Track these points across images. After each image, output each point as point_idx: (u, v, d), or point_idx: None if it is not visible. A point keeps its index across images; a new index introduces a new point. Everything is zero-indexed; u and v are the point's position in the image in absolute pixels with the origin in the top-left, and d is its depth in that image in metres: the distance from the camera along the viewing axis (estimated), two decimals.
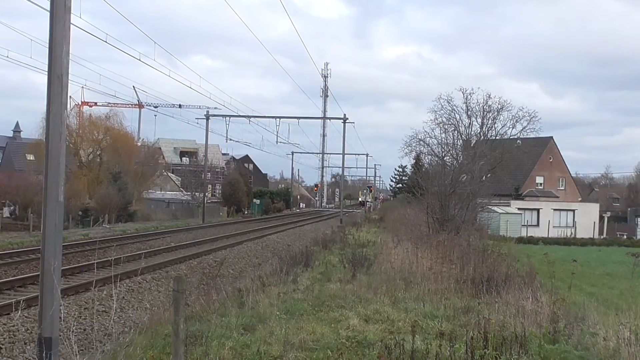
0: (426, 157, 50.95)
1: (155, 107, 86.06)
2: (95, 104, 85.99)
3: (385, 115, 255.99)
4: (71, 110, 71.99)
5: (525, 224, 59.67)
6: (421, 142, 50.93)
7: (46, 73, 7.61)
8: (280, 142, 62.51)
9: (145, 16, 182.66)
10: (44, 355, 7.32)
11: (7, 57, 38.15)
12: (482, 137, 54.16)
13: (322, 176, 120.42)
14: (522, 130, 57.93)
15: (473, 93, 55.74)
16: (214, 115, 58.53)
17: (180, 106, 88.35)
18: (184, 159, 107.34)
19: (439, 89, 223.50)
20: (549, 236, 57.27)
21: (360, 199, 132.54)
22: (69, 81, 7.79)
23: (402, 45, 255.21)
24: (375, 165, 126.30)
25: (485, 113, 55.35)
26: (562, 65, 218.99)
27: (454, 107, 54.49)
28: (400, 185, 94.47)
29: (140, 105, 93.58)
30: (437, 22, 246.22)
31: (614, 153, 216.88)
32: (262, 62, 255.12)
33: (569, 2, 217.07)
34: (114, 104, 78.49)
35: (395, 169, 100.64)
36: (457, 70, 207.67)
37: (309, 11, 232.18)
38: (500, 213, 54.54)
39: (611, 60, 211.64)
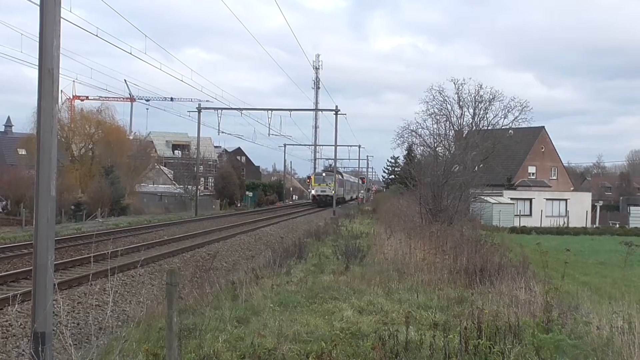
0: (418, 148, 50.98)
1: (147, 100, 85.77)
2: (87, 97, 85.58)
3: (380, 107, 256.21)
4: (63, 104, 71.80)
5: (518, 213, 59.82)
6: (413, 133, 50.94)
7: (37, 67, 7.57)
8: (273, 134, 62.45)
9: (141, 10, 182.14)
10: (38, 349, 7.31)
11: None
12: (474, 127, 54.22)
13: (315, 168, 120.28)
14: (513, 120, 58.10)
15: (464, 83, 55.84)
16: (206, 109, 58.40)
17: (172, 99, 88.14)
18: (176, 152, 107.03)
19: (434, 79, 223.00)
20: (542, 226, 57.45)
21: (313, 192, 77.36)
22: (60, 75, 7.76)
23: (398, 36, 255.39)
24: (367, 156, 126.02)
25: (476, 103, 55.45)
26: (558, 55, 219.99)
27: (446, 98, 54.55)
28: (393, 176, 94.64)
29: (132, 99, 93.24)
30: (432, 13, 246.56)
31: (607, 142, 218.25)
32: (257, 55, 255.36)
33: None
34: (106, 97, 78.16)
35: (388, 160, 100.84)
36: (453, 61, 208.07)
37: (304, 3, 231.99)
38: (492, 203, 54.68)
39: (606, 50, 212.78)
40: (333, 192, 68.31)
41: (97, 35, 22.63)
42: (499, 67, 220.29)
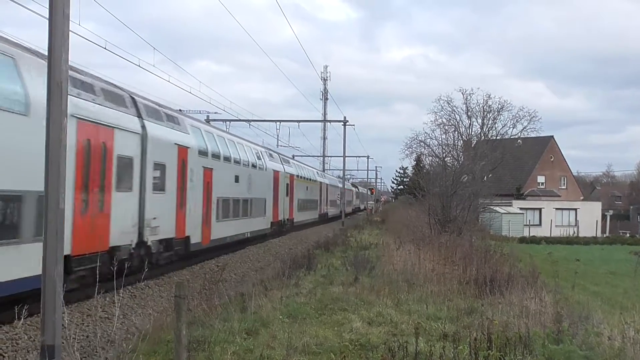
0: (427, 159, 51.01)
1: None
2: None
3: (390, 117, 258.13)
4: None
5: (528, 223, 59.68)
6: (421, 143, 50.98)
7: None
8: (281, 145, 62.27)
9: (153, 23, 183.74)
10: None
11: None
12: (483, 137, 54.24)
13: None
14: (522, 130, 58.13)
15: (473, 93, 55.98)
16: (214, 120, 58.46)
17: (180, 111, 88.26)
18: None
19: (445, 89, 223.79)
20: (552, 235, 57.31)
21: None
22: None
23: (408, 47, 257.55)
24: (376, 167, 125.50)
25: (485, 113, 55.54)
26: (569, 64, 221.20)
27: (454, 108, 54.63)
28: (402, 186, 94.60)
29: None
30: (443, 23, 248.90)
31: (617, 151, 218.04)
32: (268, 66, 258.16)
33: (576, 2, 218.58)
34: None
35: (397, 171, 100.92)
36: (463, 71, 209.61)
37: (317, 15, 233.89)
38: (502, 213, 54.58)
39: (619, 59, 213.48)
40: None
41: (105, 48, 22.70)
42: (510, 76, 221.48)
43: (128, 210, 17.93)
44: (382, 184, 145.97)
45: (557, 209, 65.37)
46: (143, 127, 18.80)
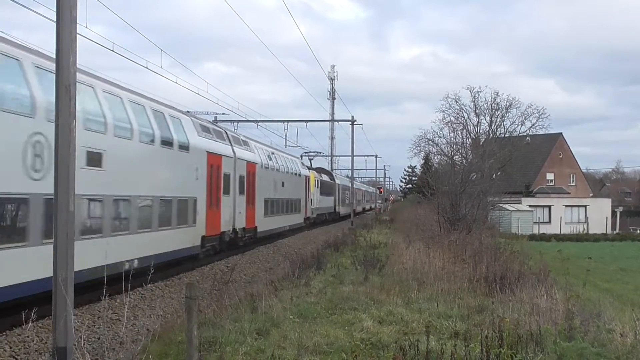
0: (435, 157, 50.97)
1: None
2: None
3: (399, 116, 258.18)
4: None
5: (537, 221, 59.44)
6: (430, 142, 50.93)
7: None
8: (289, 145, 62.22)
9: (163, 25, 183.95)
10: None
11: None
12: (491, 135, 54.10)
13: None
14: (531, 127, 57.91)
15: (481, 91, 55.87)
16: (222, 121, 58.41)
17: (188, 112, 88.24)
18: None
19: (454, 88, 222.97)
20: (561, 233, 57.08)
21: None
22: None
23: (417, 46, 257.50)
24: (384, 166, 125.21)
25: (493, 111, 55.39)
26: (579, 61, 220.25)
27: (462, 106, 54.53)
28: (410, 185, 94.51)
29: None
30: (452, 22, 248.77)
31: (626, 147, 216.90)
32: (277, 67, 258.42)
33: None
34: None
35: (405, 170, 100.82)
36: (473, 69, 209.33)
37: (326, 14, 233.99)
38: (511, 211, 54.39)
39: (629, 55, 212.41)
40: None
41: (112, 50, 22.77)
42: (520, 74, 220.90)
43: (228, 208, 26.53)
44: (391, 183, 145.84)
45: (566, 206, 65.09)
46: (233, 152, 27.71)
